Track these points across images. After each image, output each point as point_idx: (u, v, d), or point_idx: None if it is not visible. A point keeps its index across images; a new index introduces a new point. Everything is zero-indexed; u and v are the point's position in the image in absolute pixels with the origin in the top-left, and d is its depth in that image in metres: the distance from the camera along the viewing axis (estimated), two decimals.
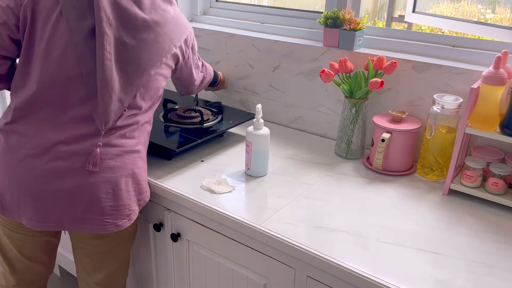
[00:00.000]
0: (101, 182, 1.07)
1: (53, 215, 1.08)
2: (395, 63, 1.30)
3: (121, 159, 1.09)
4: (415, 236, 1.03)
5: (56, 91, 1.06)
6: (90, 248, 1.21)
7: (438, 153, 1.26)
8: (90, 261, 1.23)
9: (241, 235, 1.10)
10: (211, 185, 1.21)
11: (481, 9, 2.13)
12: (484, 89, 1.12)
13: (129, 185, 1.12)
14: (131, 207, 1.13)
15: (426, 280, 0.89)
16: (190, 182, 1.24)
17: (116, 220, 1.10)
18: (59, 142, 1.06)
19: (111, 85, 1.04)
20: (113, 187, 1.08)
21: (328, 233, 1.03)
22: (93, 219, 1.08)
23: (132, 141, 1.13)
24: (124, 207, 1.11)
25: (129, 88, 1.08)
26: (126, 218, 1.12)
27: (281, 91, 1.64)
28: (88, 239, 1.19)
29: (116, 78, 1.05)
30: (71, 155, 1.05)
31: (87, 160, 1.05)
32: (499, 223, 1.08)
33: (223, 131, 1.47)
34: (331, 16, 1.44)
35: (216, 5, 1.91)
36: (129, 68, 1.07)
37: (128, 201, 1.12)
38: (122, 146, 1.10)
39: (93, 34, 1.03)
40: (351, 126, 1.37)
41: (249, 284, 1.15)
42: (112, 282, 1.29)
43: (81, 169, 1.05)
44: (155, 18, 1.09)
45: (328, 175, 1.30)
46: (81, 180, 1.06)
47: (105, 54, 1.02)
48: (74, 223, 1.09)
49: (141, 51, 1.07)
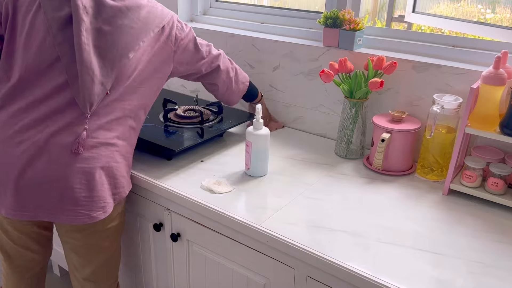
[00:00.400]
0: (76, 172, 1.08)
1: (31, 205, 1.09)
2: (395, 63, 1.30)
3: (96, 150, 1.10)
4: (415, 236, 1.03)
5: (37, 80, 1.09)
6: (74, 242, 1.21)
7: (438, 153, 1.26)
8: (76, 256, 1.24)
9: (241, 235, 1.10)
10: (211, 185, 1.21)
11: (481, 9, 2.13)
12: (484, 89, 1.12)
13: (103, 177, 1.12)
14: (106, 199, 1.13)
15: (426, 280, 0.89)
16: (190, 182, 1.24)
17: (90, 212, 1.10)
18: (38, 131, 1.07)
19: (91, 68, 1.06)
20: (88, 178, 1.09)
21: (328, 233, 1.03)
22: (67, 209, 1.09)
23: (109, 133, 1.13)
24: (99, 199, 1.11)
25: (110, 73, 1.10)
26: (100, 210, 1.12)
27: (281, 91, 1.64)
28: (69, 232, 1.19)
29: (95, 63, 1.07)
30: (49, 144, 1.07)
31: (65, 148, 1.07)
32: (499, 223, 1.08)
33: (223, 131, 1.47)
34: (331, 16, 1.44)
35: (216, 5, 1.91)
36: (108, 54, 1.09)
37: (103, 193, 1.12)
38: (98, 138, 1.11)
39: (70, 23, 1.06)
40: (351, 126, 1.37)
41: (249, 284, 1.15)
42: (100, 278, 1.29)
43: (58, 159, 1.07)
44: (127, 4, 1.12)
45: (328, 175, 1.30)
46: (57, 169, 1.07)
47: (83, 39, 1.05)
48: (50, 213, 1.10)
49: (117, 37, 1.10)
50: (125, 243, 1.48)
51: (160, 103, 1.57)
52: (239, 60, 1.71)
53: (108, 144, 1.12)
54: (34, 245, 1.28)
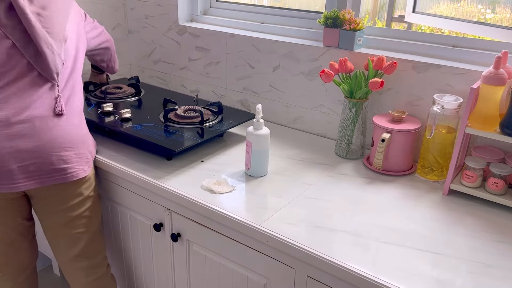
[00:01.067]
0: (58, 137, 1.21)
1: (20, 175, 1.18)
2: (395, 63, 1.30)
3: (68, 115, 1.26)
4: (415, 236, 1.03)
5: (2, 69, 1.18)
6: (57, 221, 1.30)
7: (438, 153, 1.26)
8: (66, 231, 1.31)
9: (241, 235, 1.10)
10: (211, 185, 1.21)
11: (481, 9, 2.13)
12: (484, 89, 1.12)
13: (84, 137, 1.29)
14: (88, 156, 1.30)
15: (426, 280, 0.89)
16: (190, 182, 1.24)
17: (79, 167, 1.26)
18: (13, 115, 1.17)
19: (48, 42, 1.19)
20: (70, 139, 1.24)
21: (328, 233, 1.03)
22: (59, 169, 1.23)
23: (74, 99, 1.30)
24: (85, 156, 1.29)
25: (59, 46, 1.23)
26: (86, 165, 1.29)
27: (281, 91, 1.64)
28: (52, 207, 1.28)
29: (49, 37, 1.20)
30: (31, 119, 1.18)
31: (46, 118, 1.20)
32: (499, 223, 1.08)
33: (223, 131, 1.47)
34: (331, 16, 1.44)
35: (216, 5, 1.91)
36: (53, 30, 1.22)
37: (85, 150, 1.29)
38: (67, 104, 1.27)
39: (12, 9, 1.17)
40: (351, 126, 1.37)
41: (249, 284, 1.15)
42: (91, 253, 1.37)
43: (40, 128, 1.19)
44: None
45: (328, 175, 1.30)
46: (41, 138, 1.19)
47: (32, 19, 1.17)
48: (40, 178, 1.21)
49: (55, 16, 1.23)
50: (125, 243, 1.49)
51: (160, 103, 1.58)
52: (239, 60, 1.71)
53: (76, 108, 1.28)
54: (22, 242, 1.34)
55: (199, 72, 1.87)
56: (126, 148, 1.44)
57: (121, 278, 1.59)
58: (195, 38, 1.83)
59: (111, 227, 1.51)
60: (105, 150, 1.42)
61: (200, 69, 1.86)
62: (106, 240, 1.56)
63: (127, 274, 1.55)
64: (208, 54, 1.81)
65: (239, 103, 1.78)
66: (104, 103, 1.59)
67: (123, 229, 1.46)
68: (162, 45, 1.97)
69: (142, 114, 1.55)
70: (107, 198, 1.46)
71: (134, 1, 1.99)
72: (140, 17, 2.00)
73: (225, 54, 1.75)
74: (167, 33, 1.93)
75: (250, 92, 1.73)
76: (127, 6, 2.03)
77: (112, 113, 1.53)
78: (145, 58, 2.06)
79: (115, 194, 1.42)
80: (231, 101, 1.80)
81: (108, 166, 1.36)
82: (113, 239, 1.53)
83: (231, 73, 1.76)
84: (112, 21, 2.01)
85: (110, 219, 1.50)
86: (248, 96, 1.74)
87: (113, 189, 1.42)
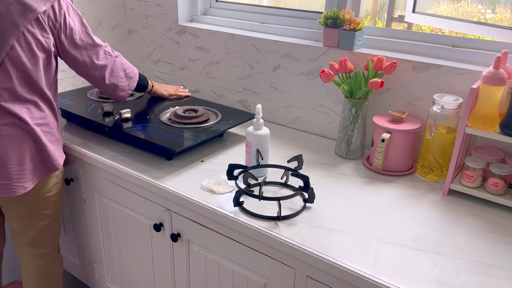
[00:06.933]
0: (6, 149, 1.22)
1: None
2: (395, 63, 1.30)
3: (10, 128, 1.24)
4: (415, 236, 1.03)
5: None
6: (13, 211, 1.36)
7: (438, 153, 1.26)
8: (16, 222, 1.38)
9: (241, 235, 1.10)
10: (211, 185, 1.21)
11: (481, 9, 2.13)
12: (484, 89, 1.12)
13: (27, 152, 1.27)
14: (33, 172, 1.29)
15: (426, 280, 0.89)
16: (190, 182, 1.24)
17: (23, 183, 1.27)
18: None
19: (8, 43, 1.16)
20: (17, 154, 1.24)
21: (328, 233, 1.03)
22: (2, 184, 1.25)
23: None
24: (29, 172, 1.28)
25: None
26: (30, 180, 1.29)
27: (281, 91, 1.64)
28: (8, 203, 1.33)
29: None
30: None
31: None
32: (499, 223, 1.08)
33: (223, 131, 1.47)
34: (331, 16, 1.44)
35: (216, 5, 1.91)
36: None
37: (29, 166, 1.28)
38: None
39: None
40: (351, 126, 1.37)
41: (249, 284, 1.15)
42: (41, 243, 1.43)
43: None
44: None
45: (328, 175, 1.30)
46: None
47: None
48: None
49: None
50: (126, 243, 1.49)
51: (160, 103, 1.58)
52: (239, 60, 1.71)
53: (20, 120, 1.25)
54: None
55: (199, 72, 1.87)
56: (126, 148, 1.44)
57: (121, 278, 1.59)
58: (195, 38, 1.83)
59: (111, 227, 1.51)
60: (105, 150, 1.42)
61: (200, 69, 1.86)
62: (106, 239, 1.56)
63: (127, 274, 1.55)
64: (208, 54, 1.81)
65: (239, 103, 1.78)
66: (104, 103, 1.59)
67: (123, 229, 1.46)
68: (162, 45, 1.97)
69: (142, 114, 1.55)
70: (107, 198, 1.46)
71: (134, 1, 1.99)
72: (140, 17, 2.00)
73: (225, 54, 1.75)
74: (167, 33, 1.93)
75: (250, 92, 1.73)
76: (127, 6, 2.03)
77: (112, 113, 1.53)
78: (145, 58, 2.06)
79: (115, 194, 1.42)
80: (231, 101, 1.80)
81: (108, 166, 1.36)
82: (113, 239, 1.53)
83: (231, 73, 1.76)
84: (112, 21, 2.01)
85: (110, 219, 1.50)
86: (248, 96, 1.74)
87: (113, 189, 1.42)
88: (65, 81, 1.89)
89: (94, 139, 1.50)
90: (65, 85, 1.89)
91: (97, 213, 1.53)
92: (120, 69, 1.43)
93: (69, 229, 1.72)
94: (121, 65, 1.44)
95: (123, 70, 1.44)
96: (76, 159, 1.49)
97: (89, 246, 1.66)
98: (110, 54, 1.41)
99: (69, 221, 1.70)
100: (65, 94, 1.73)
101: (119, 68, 1.43)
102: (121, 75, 1.44)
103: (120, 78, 1.43)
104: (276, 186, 1.24)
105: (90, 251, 1.66)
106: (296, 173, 1.18)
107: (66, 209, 1.68)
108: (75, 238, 1.71)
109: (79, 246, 1.71)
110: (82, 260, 1.74)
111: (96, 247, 1.62)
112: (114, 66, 1.41)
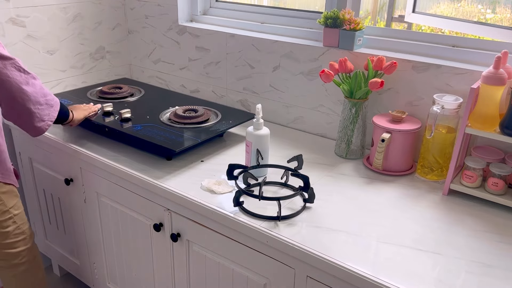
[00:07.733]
0: None
1: None
2: (395, 63, 1.30)
3: None
4: (415, 236, 1.03)
5: None
6: None
7: (438, 153, 1.26)
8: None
9: (241, 235, 1.10)
10: (211, 185, 1.21)
11: (481, 9, 2.13)
12: (484, 89, 1.12)
13: None
14: None
15: (426, 280, 0.89)
16: (190, 182, 1.24)
17: None
18: None
19: None
20: None
21: (328, 233, 1.03)
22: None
23: None
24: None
25: None
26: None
27: (281, 91, 1.64)
28: None
29: None
30: None
31: None
32: (499, 223, 1.08)
33: (223, 131, 1.47)
34: (331, 16, 1.44)
35: (216, 5, 1.91)
36: None
37: None
38: None
39: None
40: (351, 126, 1.37)
41: (249, 284, 1.15)
42: (7, 258, 1.42)
43: None
44: None
45: (328, 175, 1.30)
46: None
47: None
48: None
49: None
50: (125, 243, 1.49)
51: (160, 103, 1.58)
52: (239, 60, 1.71)
53: None
54: None
55: (199, 72, 1.87)
56: (126, 148, 1.44)
57: (121, 278, 1.59)
58: (195, 38, 1.83)
59: (111, 227, 1.51)
60: (105, 150, 1.42)
61: (200, 69, 1.86)
62: (106, 239, 1.56)
63: (127, 274, 1.55)
64: (208, 54, 1.81)
65: (239, 103, 1.78)
66: (104, 103, 1.59)
67: (123, 229, 1.46)
68: (162, 45, 1.97)
69: (142, 114, 1.55)
70: (107, 198, 1.46)
71: (134, 1, 1.99)
72: (140, 17, 2.00)
73: (225, 54, 1.75)
74: (167, 33, 1.93)
75: (250, 92, 1.73)
76: (127, 6, 2.03)
77: (112, 113, 1.53)
78: (145, 58, 2.06)
79: (115, 194, 1.42)
80: (231, 101, 1.80)
81: (108, 166, 1.36)
82: (113, 239, 1.53)
83: (231, 73, 1.76)
84: (112, 21, 2.01)
85: (110, 219, 1.50)
86: (248, 96, 1.74)
87: (113, 189, 1.42)
88: (65, 81, 1.89)
89: (94, 139, 1.50)
90: (65, 85, 1.89)
91: (97, 213, 1.53)
92: (39, 93, 1.19)
93: (69, 229, 1.72)
94: (41, 89, 1.20)
95: (43, 96, 1.20)
96: (76, 159, 1.49)
97: (89, 246, 1.66)
98: (25, 70, 1.18)
99: (69, 221, 1.70)
100: (65, 94, 1.73)
101: (38, 92, 1.19)
102: (40, 101, 1.20)
103: (39, 105, 1.20)
104: (276, 186, 1.24)
105: (90, 251, 1.66)
106: (296, 173, 1.18)
107: (66, 209, 1.68)
108: (75, 238, 1.71)
109: (79, 246, 1.71)
110: (82, 260, 1.74)
111: (96, 247, 1.62)
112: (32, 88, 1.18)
